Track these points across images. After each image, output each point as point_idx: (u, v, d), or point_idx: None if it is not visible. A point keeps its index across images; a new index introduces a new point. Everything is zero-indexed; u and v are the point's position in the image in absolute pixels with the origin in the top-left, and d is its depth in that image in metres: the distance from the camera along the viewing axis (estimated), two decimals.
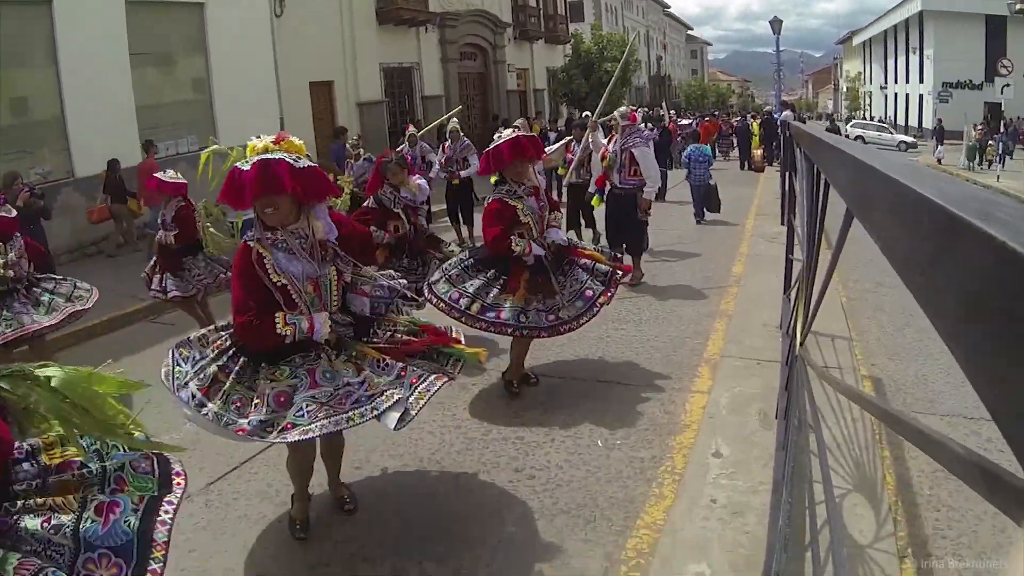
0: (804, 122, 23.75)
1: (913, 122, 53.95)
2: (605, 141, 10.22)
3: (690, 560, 3.72)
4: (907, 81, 56.05)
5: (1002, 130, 32.68)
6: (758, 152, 25.45)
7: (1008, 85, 30.72)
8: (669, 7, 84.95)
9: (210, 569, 4.11)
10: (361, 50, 22.37)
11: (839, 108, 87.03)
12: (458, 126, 13.07)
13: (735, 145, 29.09)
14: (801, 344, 4.05)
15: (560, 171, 11.76)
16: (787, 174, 8.13)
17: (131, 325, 9.61)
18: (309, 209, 3.98)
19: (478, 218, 11.62)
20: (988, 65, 45.64)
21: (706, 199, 14.74)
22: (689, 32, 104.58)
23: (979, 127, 33.16)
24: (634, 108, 10.11)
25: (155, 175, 8.09)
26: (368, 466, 5.15)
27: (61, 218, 12.96)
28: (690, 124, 33.80)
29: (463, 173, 12.62)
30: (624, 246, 9.50)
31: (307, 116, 19.79)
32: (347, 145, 13.99)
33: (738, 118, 38.00)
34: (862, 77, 72.56)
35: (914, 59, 53.51)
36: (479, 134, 24.90)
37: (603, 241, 10.99)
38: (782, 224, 10.07)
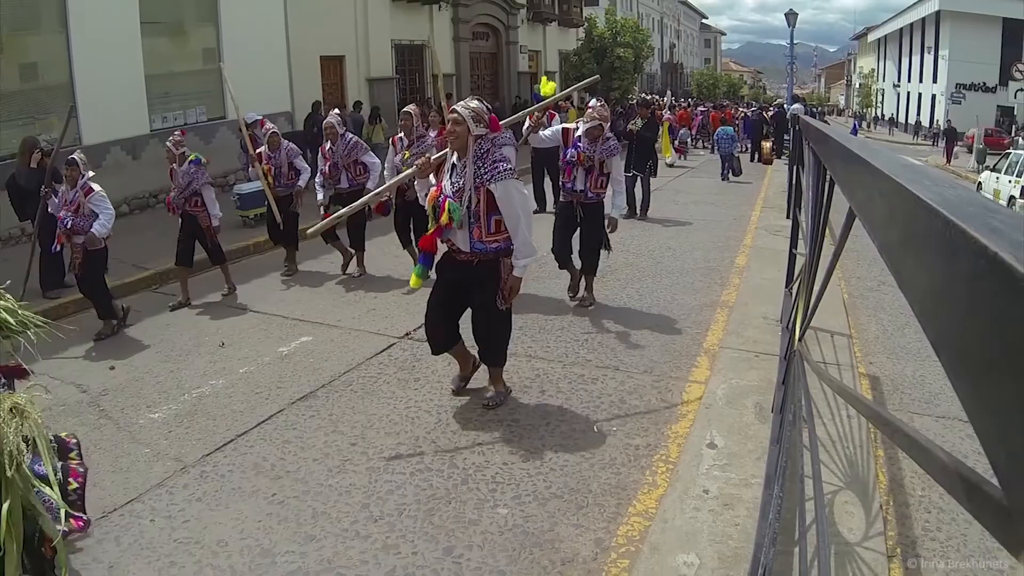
0: (815, 116, 23.61)
1: (925, 121, 53.74)
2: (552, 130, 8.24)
3: (679, 550, 3.73)
4: (920, 80, 55.84)
5: None
6: (767, 144, 25.37)
7: (1022, 90, 30.55)
8: None
9: (203, 540, 4.13)
10: (373, 26, 22.22)
11: (851, 104, 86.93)
12: (336, 119, 9.75)
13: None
14: (800, 339, 4.06)
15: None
16: (795, 168, 8.10)
17: (134, 294, 9.61)
18: None
19: None
20: (1003, 68, 45.48)
21: (731, 165, 20.46)
22: (703, 21, 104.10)
23: None
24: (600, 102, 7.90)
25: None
26: (363, 443, 5.16)
27: None
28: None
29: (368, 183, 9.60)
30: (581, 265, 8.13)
31: (316, 90, 19.68)
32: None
33: (753, 109, 37.80)
34: (875, 74, 72.34)
35: (928, 58, 53.26)
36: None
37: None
38: (787, 218, 10.05)
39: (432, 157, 5.74)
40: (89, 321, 7.90)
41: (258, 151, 10.10)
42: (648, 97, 28.78)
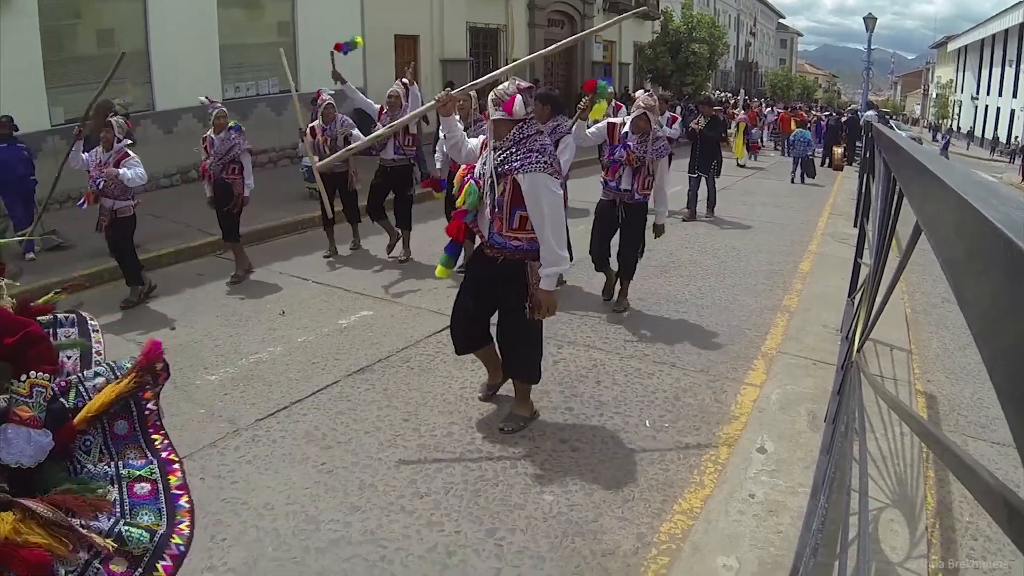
0: (886, 122, 23.12)
1: (1003, 137, 52.32)
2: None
3: (720, 552, 3.73)
4: (1000, 94, 54.29)
5: None
6: (838, 150, 24.87)
7: None
8: None
9: (250, 502, 4.22)
10: (449, 6, 22.27)
11: (926, 114, 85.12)
12: (402, 89, 9.41)
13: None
14: (858, 350, 4.02)
15: None
16: (865, 176, 7.95)
17: (199, 258, 9.81)
18: None
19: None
20: None
21: (806, 167, 20.21)
22: (780, 21, 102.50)
23: None
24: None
25: None
26: (415, 419, 5.23)
27: (138, 149, 13.18)
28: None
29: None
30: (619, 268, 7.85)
31: (390, 68, 19.79)
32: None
33: (828, 113, 37.05)
34: (953, 85, 70.56)
35: (1010, 72, 51.77)
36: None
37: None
38: (855, 226, 9.90)
39: (454, 91, 5.28)
40: (157, 280, 8.10)
41: (311, 124, 9.80)
42: (715, 94, 28.30)
